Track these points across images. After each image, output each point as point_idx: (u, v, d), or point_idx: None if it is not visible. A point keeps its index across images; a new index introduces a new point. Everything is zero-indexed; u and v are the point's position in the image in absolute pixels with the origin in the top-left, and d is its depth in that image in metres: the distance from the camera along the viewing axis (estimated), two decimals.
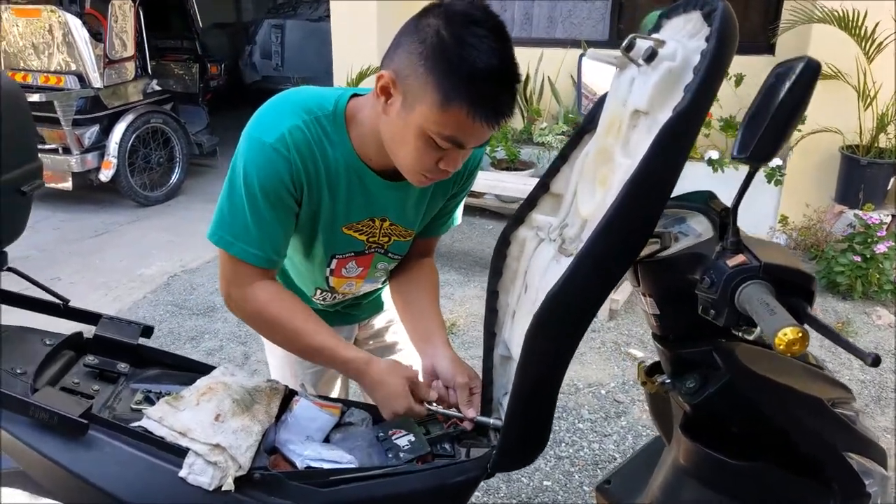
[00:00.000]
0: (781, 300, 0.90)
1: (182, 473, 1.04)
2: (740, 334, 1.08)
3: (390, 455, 1.19)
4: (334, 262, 1.36)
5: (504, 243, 1.24)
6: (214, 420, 1.13)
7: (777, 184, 4.30)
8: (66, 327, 1.37)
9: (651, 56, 0.96)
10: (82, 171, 5.20)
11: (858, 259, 3.66)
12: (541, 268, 1.14)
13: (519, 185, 4.30)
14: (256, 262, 1.18)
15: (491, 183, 4.41)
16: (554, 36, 5.78)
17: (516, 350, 1.22)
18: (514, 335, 1.25)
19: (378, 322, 1.67)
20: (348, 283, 1.42)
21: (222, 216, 1.18)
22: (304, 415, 1.28)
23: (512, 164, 5.06)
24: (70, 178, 5.18)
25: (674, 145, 0.89)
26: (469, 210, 4.69)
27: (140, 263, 4.44)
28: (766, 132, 0.90)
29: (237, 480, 1.06)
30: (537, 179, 1.26)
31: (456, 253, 4.48)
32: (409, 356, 1.63)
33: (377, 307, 1.64)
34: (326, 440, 1.29)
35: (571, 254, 1.08)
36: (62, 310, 1.42)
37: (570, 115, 5.14)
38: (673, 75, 0.94)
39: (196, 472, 1.05)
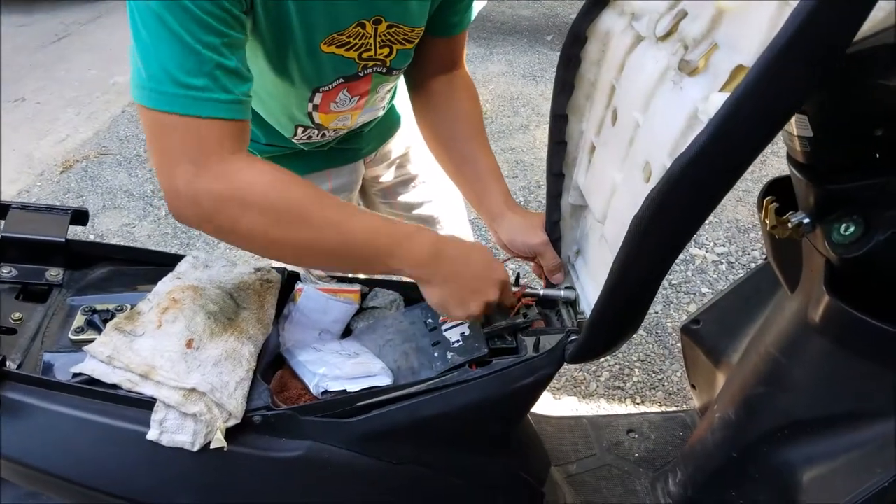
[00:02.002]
0: None
1: (151, 435, 0.76)
2: None
3: (436, 353, 0.89)
4: (318, 96, 0.93)
5: (575, 42, 0.79)
6: (186, 349, 0.82)
7: None
8: None
9: None
10: None
11: None
12: (643, 87, 0.70)
13: None
14: (222, 111, 0.73)
15: None
16: None
17: (598, 202, 0.84)
18: (594, 180, 0.86)
19: (395, 147, 1.25)
20: (341, 117, 1.00)
21: (147, 58, 0.71)
22: (313, 307, 0.96)
23: None
24: None
25: None
26: None
27: (112, 70, 3.89)
28: None
29: (231, 431, 0.78)
30: None
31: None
32: (450, 225, 1.27)
33: (389, 127, 1.22)
34: (347, 332, 1.00)
35: (698, 70, 0.64)
36: None
37: None
38: None
39: (171, 431, 0.77)
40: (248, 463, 0.78)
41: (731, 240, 2.26)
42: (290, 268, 1.00)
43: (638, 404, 1.69)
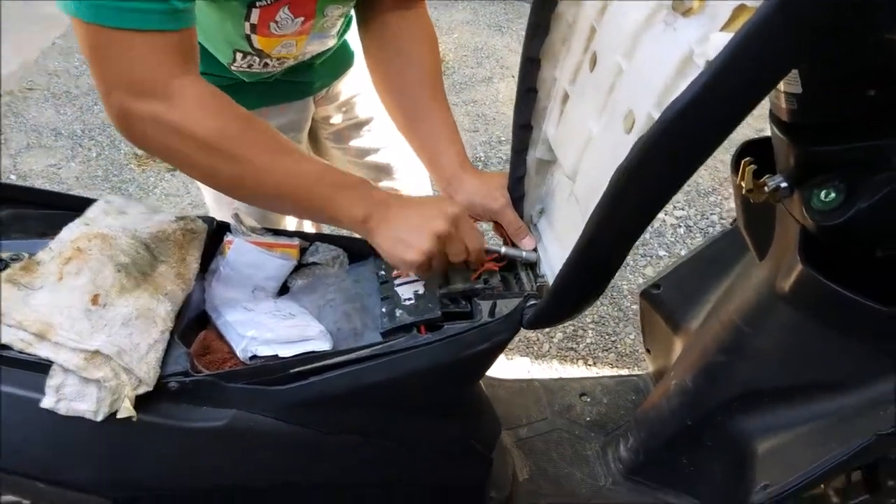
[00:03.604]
0: None
1: (47, 403, 0.66)
2: None
3: (384, 309, 0.81)
4: (255, 13, 0.81)
5: None
6: (90, 305, 0.71)
7: None
8: None
9: None
10: None
11: None
12: (629, 29, 0.62)
13: None
14: (157, 22, 0.65)
15: None
16: None
17: (569, 156, 0.76)
18: (566, 132, 0.77)
19: (347, 87, 1.14)
20: (284, 43, 0.89)
21: None
22: (244, 261, 0.86)
23: None
24: None
25: None
26: None
27: None
28: None
29: (142, 399, 0.69)
30: None
31: None
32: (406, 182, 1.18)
33: (342, 62, 1.11)
34: (284, 290, 0.90)
35: (693, 10, 0.55)
36: None
37: None
38: None
39: (70, 398, 0.67)
40: (161, 434, 0.69)
41: (690, 203, 2.23)
42: (219, 217, 0.90)
43: (590, 366, 1.66)
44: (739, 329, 0.92)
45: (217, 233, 0.88)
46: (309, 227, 1.23)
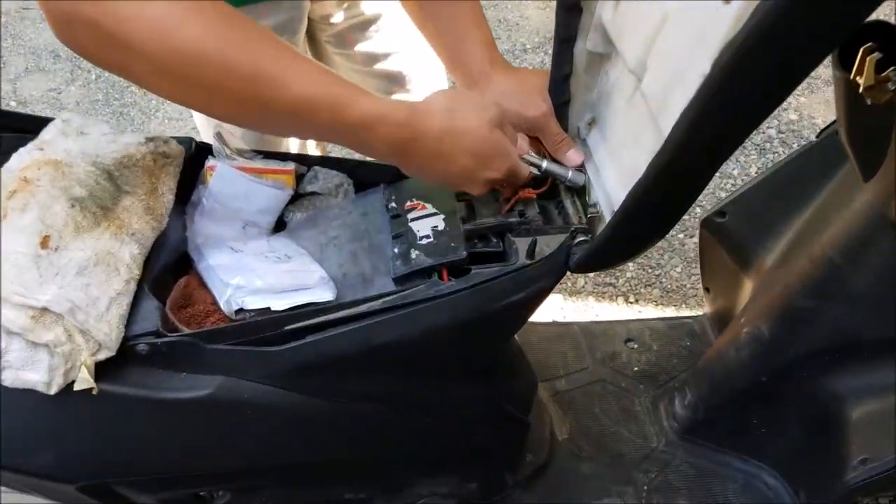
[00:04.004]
0: None
1: None
2: None
3: (396, 249, 0.67)
4: None
5: None
6: (39, 249, 0.57)
7: None
8: None
9: None
10: None
11: None
12: None
13: None
14: None
15: None
16: None
17: (633, 45, 0.58)
18: (629, 15, 0.59)
19: None
20: None
21: None
22: (230, 191, 0.71)
23: None
24: None
25: None
26: None
27: None
28: None
29: (105, 366, 0.56)
30: None
31: None
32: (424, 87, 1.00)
33: None
34: (280, 226, 0.76)
35: None
36: None
37: None
38: None
39: (16, 367, 0.54)
40: (129, 408, 0.57)
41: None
42: (199, 138, 0.74)
43: (631, 304, 1.52)
44: (834, 265, 0.75)
45: (198, 157, 0.73)
46: (313, 148, 1.07)
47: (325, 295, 0.63)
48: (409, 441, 0.69)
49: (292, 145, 1.01)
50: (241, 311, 0.60)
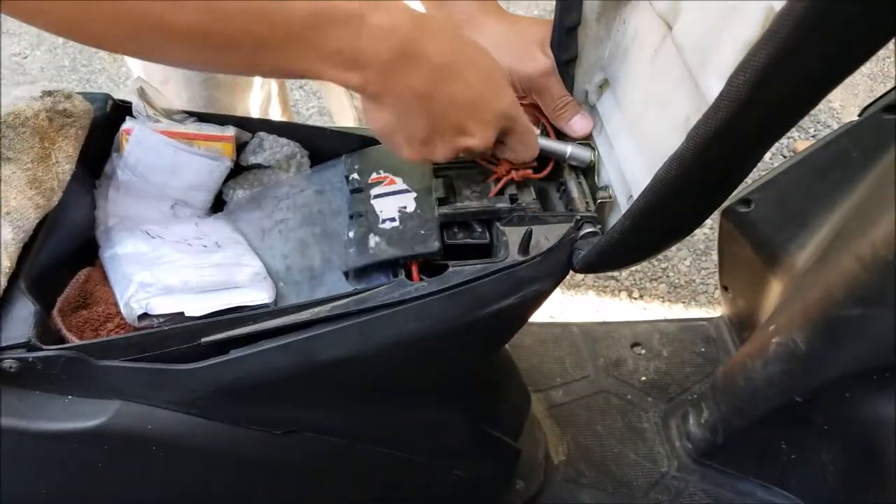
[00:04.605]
0: None
1: None
2: None
3: (351, 234, 0.53)
4: None
5: None
6: None
7: None
8: None
9: None
10: None
11: None
12: None
13: None
14: None
15: None
16: None
17: None
18: None
19: None
20: None
21: None
22: (151, 161, 0.57)
23: None
24: None
25: None
26: None
27: None
28: None
29: None
30: None
31: None
32: None
33: None
34: (218, 206, 0.62)
35: None
36: None
37: None
38: None
39: None
40: None
41: None
42: (117, 95, 0.60)
43: (635, 299, 1.38)
44: (890, 266, 0.62)
45: (118, 118, 0.59)
46: (275, 111, 0.92)
47: (260, 296, 0.49)
48: (368, 479, 0.56)
49: (252, 109, 0.87)
50: (145, 316, 0.47)
